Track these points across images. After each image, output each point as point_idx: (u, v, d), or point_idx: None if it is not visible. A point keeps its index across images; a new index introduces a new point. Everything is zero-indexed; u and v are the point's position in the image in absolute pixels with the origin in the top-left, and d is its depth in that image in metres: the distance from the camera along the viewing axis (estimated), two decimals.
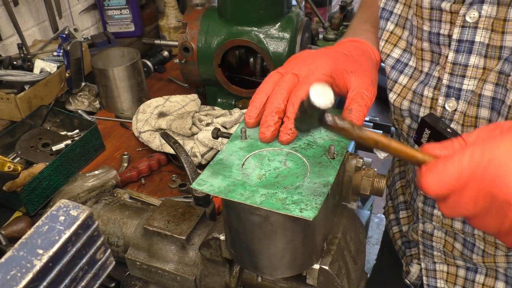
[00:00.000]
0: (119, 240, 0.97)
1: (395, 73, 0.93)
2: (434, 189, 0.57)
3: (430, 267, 1.05)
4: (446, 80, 0.81)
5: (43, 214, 0.57)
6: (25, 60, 1.64)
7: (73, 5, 2.00)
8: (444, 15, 0.80)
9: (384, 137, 0.61)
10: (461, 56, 0.79)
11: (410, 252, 1.13)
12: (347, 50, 0.85)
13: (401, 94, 0.93)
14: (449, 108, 0.83)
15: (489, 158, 0.53)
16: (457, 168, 0.55)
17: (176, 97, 1.59)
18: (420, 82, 0.88)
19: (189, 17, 1.54)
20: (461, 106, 0.82)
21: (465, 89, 0.80)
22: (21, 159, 1.45)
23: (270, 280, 0.83)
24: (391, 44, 0.94)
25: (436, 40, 0.83)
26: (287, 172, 0.71)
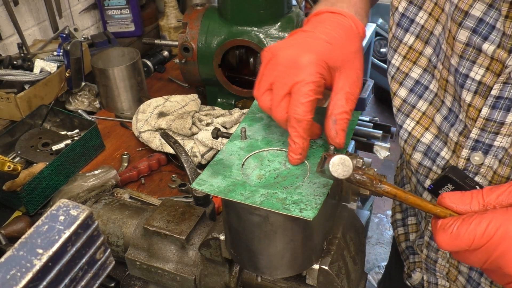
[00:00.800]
0: (119, 240, 0.97)
1: (414, 96, 0.83)
2: (446, 247, 0.60)
3: (432, 281, 1.01)
4: (475, 134, 0.73)
5: (43, 214, 0.57)
6: (25, 60, 1.64)
7: (73, 5, 2.00)
8: (482, 58, 0.69)
9: (402, 191, 0.63)
10: (497, 112, 0.69)
11: (413, 259, 1.09)
12: (328, 34, 0.73)
13: (421, 122, 0.84)
14: (475, 162, 0.75)
15: (502, 234, 0.56)
16: (471, 235, 0.58)
17: (176, 97, 1.59)
18: (444, 117, 0.79)
19: (189, 17, 1.54)
20: (489, 161, 0.74)
21: (497, 146, 0.72)
22: (21, 158, 1.45)
23: (270, 280, 0.83)
24: (410, 62, 0.82)
25: (461, 82, 0.72)
26: (287, 172, 0.71)
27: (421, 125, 0.84)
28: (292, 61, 0.69)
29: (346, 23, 0.76)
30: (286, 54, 0.71)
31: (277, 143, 0.76)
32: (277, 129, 0.80)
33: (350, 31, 0.76)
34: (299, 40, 0.73)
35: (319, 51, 0.70)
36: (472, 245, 0.58)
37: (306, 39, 0.73)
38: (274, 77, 0.71)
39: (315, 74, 0.68)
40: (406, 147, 0.88)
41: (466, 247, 0.58)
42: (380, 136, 1.68)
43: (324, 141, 0.77)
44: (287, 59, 0.70)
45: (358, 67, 0.73)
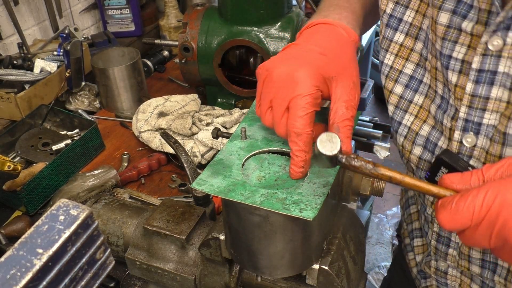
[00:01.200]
0: (119, 240, 0.97)
1: (410, 91, 0.85)
2: (448, 225, 0.58)
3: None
4: (464, 113, 0.74)
5: (43, 214, 0.57)
6: (25, 60, 1.64)
7: (74, 5, 2.00)
8: (463, 37, 0.71)
9: (397, 173, 0.63)
10: (481, 87, 0.70)
11: (425, 283, 1.06)
12: (320, 45, 0.75)
13: (419, 116, 0.85)
14: (467, 144, 0.75)
15: (501, 202, 0.54)
16: (470, 208, 0.56)
17: (176, 97, 1.59)
18: (438, 106, 0.81)
19: (189, 17, 1.54)
20: (481, 142, 0.74)
21: (486, 124, 0.72)
22: (21, 158, 1.45)
23: (269, 280, 0.83)
24: (402, 59, 0.84)
25: (445, 63, 0.74)
26: (286, 176, 0.71)
27: (419, 119, 0.85)
28: (287, 77, 0.70)
29: (338, 32, 0.78)
30: (280, 71, 0.71)
31: (277, 143, 0.76)
32: None
33: (342, 40, 0.77)
34: (292, 54, 0.74)
35: (313, 64, 0.71)
36: (473, 218, 0.56)
37: (299, 53, 0.74)
38: (272, 95, 0.71)
39: (311, 87, 0.69)
40: (406, 144, 0.88)
41: (467, 221, 0.56)
42: (380, 136, 1.68)
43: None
44: (282, 76, 0.70)
45: (354, 74, 0.74)
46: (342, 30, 0.78)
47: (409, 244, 1.12)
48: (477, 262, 0.87)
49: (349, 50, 0.77)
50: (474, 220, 0.56)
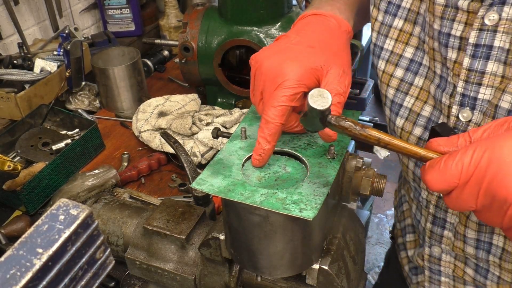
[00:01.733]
0: (119, 240, 0.97)
1: (410, 74, 0.86)
2: (436, 186, 0.58)
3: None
4: (461, 88, 0.75)
5: (43, 213, 0.57)
6: (26, 59, 1.64)
7: (74, 4, 2.00)
8: (460, 14, 0.73)
9: (385, 135, 0.62)
10: (477, 62, 0.72)
11: (416, 279, 1.08)
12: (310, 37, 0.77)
13: (419, 97, 0.86)
14: (463, 119, 0.77)
15: (489, 157, 0.54)
16: (458, 166, 0.56)
17: (176, 97, 1.59)
18: (437, 86, 0.82)
19: (189, 17, 1.54)
20: (476, 117, 0.76)
21: (481, 99, 0.74)
22: (21, 158, 1.45)
23: (269, 280, 0.83)
24: (402, 43, 0.86)
25: (444, 41, 0.76)
26: (286, 176, 0.71)
27: (420, 100, 0.86)
28: (275, 70, 0.72)
29: (329, 23, 0.80)
30: (269, 64, 0.73)
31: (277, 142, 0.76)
32: None
33: (334, 31, 0.79)
34: (282, 47, 0.76)
35: (301, 57, 0.73)
36: (462, 177, 0.56)
37: (288, 46, 0.76)
38: (262, 87, 0.73)
39: (294, 82, 0.70)
40: (406, 125, 0.89)
41: (456, 180, 0.56)
42: None
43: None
44: (271, 69, 0.72)
45: (345, 62, 0.75)
46: (333, 20, 0.80)
47: (401, 243, 1.13)
48: (472, 243, 0.87)
49: (340, 40, 0.79)
50: (463, 178, 0.56)
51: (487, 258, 0.87)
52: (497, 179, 0.53)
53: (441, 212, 0.89)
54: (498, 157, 0.53)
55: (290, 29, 0.83)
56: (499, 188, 0.53)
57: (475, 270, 0.91)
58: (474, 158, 0.55)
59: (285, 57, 0.73)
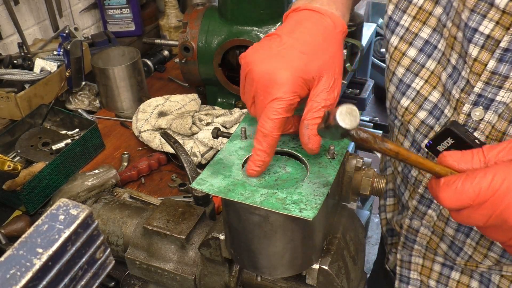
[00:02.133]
0: (119, 240, 0.97)
1: (423, 56, 0.85)
2: (450, 204, 0.59)
3: (406, 259, 1.04)
4: (479, 88, 0.75)
5: (43, 213, 0.57)
6: (26, 59, 1.64)
7: (74, 4, 2.00)
8: (493, 12, 0.70)
9: (404, 150, 0.62)
10: (503, 66, 0.71)
11: (391, 241, 1.13)
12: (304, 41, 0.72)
13: (429, 81, 0.85)
14: (475, 117, 0.77)
15: (508, 187, 0.56)
16: (476, 189, 0.57)
17: (176, 97, 1.59)
18: (449, 75, 0.81)
19: (189, 17, 1.54)
20: (489, 116, 0.76)
21: (498, 100, 0.74)
22: (21, 158, 1.45)
23: (269, 280, 0.83)
24: (419, 22, 0.83)
25: (469, 36, 0.73)
26: (286, 176, 0.71)
27: (429, 84, 0.85)
28: (268, 78, 0.69)
29: (324, 22, 0.75)
30: (261, 70, 0.70)
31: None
32: None
33: (329, 32, 0.75)
34: (274, 51, 0.72)
35: (294, 65, 0.70)
36: (477, 199, 0.57)
37: (280, 51, 0.72)
38: (254, 93, 0.72)
39: (289, 93, 0.69)
40: (411, 106, 0.89)
41: (470, 202, 0.58)
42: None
43: (324, 141, 0.77)
44: (263, 76, 0.70)
45: (337, 70, 0.73)
46: (328, 19, 0.75)
47: (382, 205, 1.18)
48: (454, 225, 0.90)
49: (335, 43, 0.75)
50: (478, 200, 0.57)
51: (464, 240, 0.90)
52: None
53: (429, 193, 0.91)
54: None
55: (282, 24, 0.78)
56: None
57: (449, 247, 0.94)
58: (492, 184, 0.56)
59: (277, 65, 0.70)
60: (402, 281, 1.07)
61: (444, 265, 1.00)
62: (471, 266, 0.94)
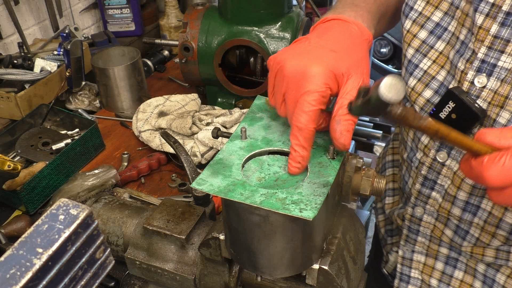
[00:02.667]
0: (119, 239, 0.97)
1: (433, 38, 0.87)
2: (497, 182, 0.58)
3: (407, 256, 1.03)
4: (482, 53, 0.76)
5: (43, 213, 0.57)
6: (26, 59, 1.64)
7: (74, 4, 2.00)
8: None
9: (444, 127, 0.60)
10: (505, 30, 0.73)
11: (391, 240, 1.12)
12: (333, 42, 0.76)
13: (437, 61, 0.87)
14: (478, 84, 0.78)
15: None
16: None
17: (176, 97, 1.59)
18: (456, 51, 0.83)
19: (189, 17, 1.54)
20: (492, 83, 0.77)
21: (501, 66, 0.75)
22: (21, 158, 1.45)
23: (269, 280, 0.83)
24: (432, 6, 0.87)
25: (475, 6, 0.76)
26: (286, 176, 0.71)
27: (436, 64, 0.87)
28: (299, 72, 0.70)
29: (352, 29, 0.79)
30: (292, 66, 0.71)
31: (277, 143, 0.76)
32: (277, 129, 0.80)
33: (356, 38, 0.78)
34: (304, 49, 0.74)
35: (325, 61, 0.71)
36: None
37: (310, 48, 0.74)
38: (285, 89, 0.72)
39: (321, 85, 0.69)
40: (418, 86, 0.90)
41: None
42: (380, 136, 1.69)
43: (324, 141, 0.77)
44: (295, 71, 0.71)
45: (364, 72, 0.74)
46: (355, 27, 0.79)
47: (380, 207, 1.17)
48: (461, 205, 0.89)
49: (362, 48, 0.78)
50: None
51: (471, 220, 0.89)
52: None
53: (433, 174, 0.91)
54: None
55: (310, 33, 0.81)
56: None
57: (455, 232, 0.93)
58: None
59: (309, 60, 0.71)
60: (402, 280, 1.06)
61: (447, 263, 0.99)
62: (477, 253, 0.92)
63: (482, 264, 0.94)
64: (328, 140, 0.76)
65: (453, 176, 0.88)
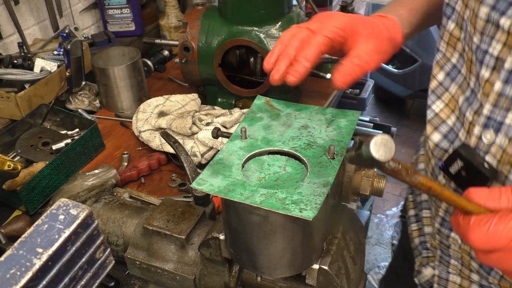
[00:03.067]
0: (119, 239, 0.97)
1: (448, 80, 0.86)
2: (480, 245, 0.58)
3: (443, 276, 1.00)
4: (488, 110, 0.74)
5: (43, 213, 0.57)
6: (26, 59, 1.64)
7: (74, 4, 2.00)
8: (500, 33, 0.70)
9: (436, 185, 0.61)
10: (509, 88, 0.70)
11: (427, 254, 1.07)
12: (368, 19, 0.84)
13: (449, 104, 0.86)
14: (486, 141, 0.75)
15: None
16: (510, 233, 0.56)
17: (176, 97, 1.59)
18: (466, 99, 0.81)
19: (189, 17, 1.54)
20: (500, 140, 0.74)
21: (508, 124, 0.72)
22: (21, 157, 1.45)
23: (269, 280, 0.83)
24: (451, 47, 0.86)
25: (480, 58, 0.74)
26: (286, 176, 0.71)
27: (448, 107, 0.86)
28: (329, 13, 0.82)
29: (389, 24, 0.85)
30: (325, 12, 0.83)
31: (277, 143, 0.76)
32: (277, 129, 0.80)
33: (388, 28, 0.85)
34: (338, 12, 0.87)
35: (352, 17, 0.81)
36: (510, 244, 0.56)
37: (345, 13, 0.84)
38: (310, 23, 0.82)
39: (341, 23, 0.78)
40: (428, 128, 0.90)
41: (502, 246, 0.56)
42: None
43: (324, 141, 0.77)
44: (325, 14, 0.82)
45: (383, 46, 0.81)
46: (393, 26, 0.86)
47: (414, 215, 1.12)
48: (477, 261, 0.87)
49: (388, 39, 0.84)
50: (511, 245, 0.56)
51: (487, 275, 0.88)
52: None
53: (449, 217, 0.89)
54: None
55: None
56: None
57: (480, 265, 0.91)
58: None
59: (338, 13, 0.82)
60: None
61: (481, 286, 0.95)
62: (505, 287, 0.89)
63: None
64: (328, 141, 0.76)
65: None
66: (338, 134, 0.78)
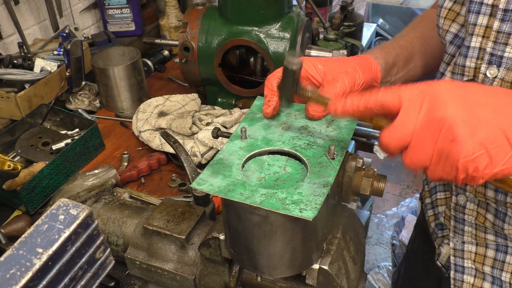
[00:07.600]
0: (119, 239, 0.97)
1: (453, 48, 0.97)
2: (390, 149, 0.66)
3: (459, 247, 1.06)
4: (490, 48, 0.85)
5: (43, 213, 0.57)
6: (26, 59, 1.64)
7: (74, 4, 2.00)
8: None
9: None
10: (505, 25, 0.83)
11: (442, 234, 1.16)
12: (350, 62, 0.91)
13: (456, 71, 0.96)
14: (490, 75, 0.87)
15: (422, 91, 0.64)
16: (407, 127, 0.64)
17: (176, 97, 1.59)
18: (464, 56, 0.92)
19: (189, 17, 1.54)
20: (501, 73, 0.85)
21: (506, 56, 0.84)
22: (21, 157, 1.45)
23: (269, 280, 0.83)
24: (449, 20, 0.98)
25: (477, 9, 0.87)
26: (286, 176, 0.71)
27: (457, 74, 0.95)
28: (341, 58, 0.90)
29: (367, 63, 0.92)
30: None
31: (277, 143, 0.76)
32: (277, 129, 0.80)
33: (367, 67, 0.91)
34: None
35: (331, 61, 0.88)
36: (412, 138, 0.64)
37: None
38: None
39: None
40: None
41: (408, 137, 0.64)
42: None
43: (324, 141, 0.77)
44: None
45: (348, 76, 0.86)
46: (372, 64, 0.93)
47: (429, 202, 1.22)
48: (492, 186, 0.94)
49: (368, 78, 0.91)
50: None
51: (505, 200, 0.92)
52: (437, 103, 0.63)
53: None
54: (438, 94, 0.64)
55: None
56: (439, 108, 0.62)
57: (495, 215, 0.97)
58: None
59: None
60: (457, 271, 1.09)
61: (498, 250, 1.02)
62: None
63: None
64: (328, 141, 0.77)
65: None
66: (338, 134, 0.78)
